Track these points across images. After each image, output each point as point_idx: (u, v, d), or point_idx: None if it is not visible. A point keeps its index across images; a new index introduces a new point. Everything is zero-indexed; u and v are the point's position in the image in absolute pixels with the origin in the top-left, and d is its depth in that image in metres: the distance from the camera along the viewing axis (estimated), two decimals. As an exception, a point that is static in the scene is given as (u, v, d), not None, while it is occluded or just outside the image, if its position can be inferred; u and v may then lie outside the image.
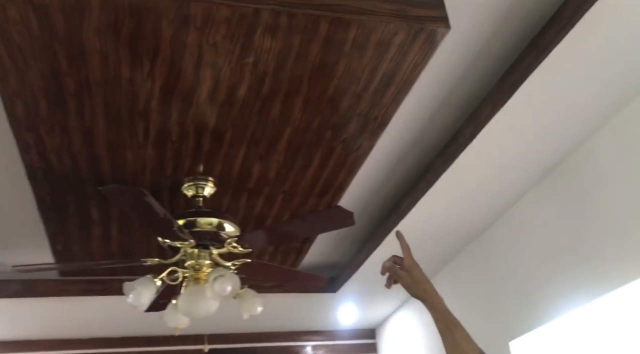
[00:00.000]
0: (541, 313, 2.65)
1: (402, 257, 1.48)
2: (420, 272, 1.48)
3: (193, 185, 2.43)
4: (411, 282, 1.46)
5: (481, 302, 3.20)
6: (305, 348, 4.62)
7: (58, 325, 3.85)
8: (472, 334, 3.35)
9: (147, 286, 2.15)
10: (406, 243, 1.52)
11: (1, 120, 2.01)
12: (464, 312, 3.41)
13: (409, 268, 1.46)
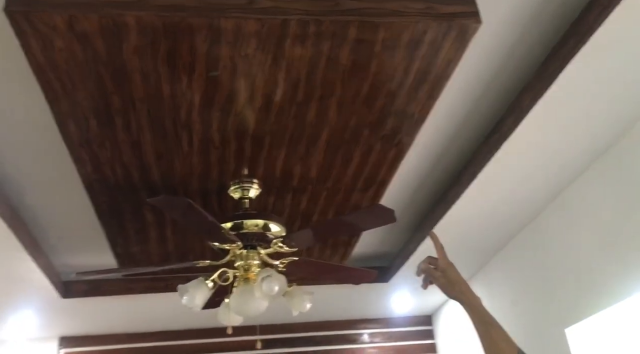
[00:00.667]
0: (598, 299, 2.59)
1: (436, 257, 1.48)
2: (455, 272, 1.48)
3: (239, 188, 2.51)
4: (446, 282, 1.47)
5: (536, 289, 3.16)
6: (362, 336, 4.68)
7: (124, 321, 4.08)
8: (528, 322, 3.37)
9: (200, 288, 2.26)
10: (440, 243, 1.52)
11: (57, 137, 2.14)
12: (518, 299, 3.42)
13: (443, 269, 1.46)
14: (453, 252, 3.65)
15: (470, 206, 2.90)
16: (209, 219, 2.03)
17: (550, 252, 3.02)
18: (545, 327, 3.02)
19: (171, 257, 3.18)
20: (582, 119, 2.23)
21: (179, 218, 2.17)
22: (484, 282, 3.83)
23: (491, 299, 3.72)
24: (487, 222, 3.12)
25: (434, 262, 1.49)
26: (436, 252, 1.50)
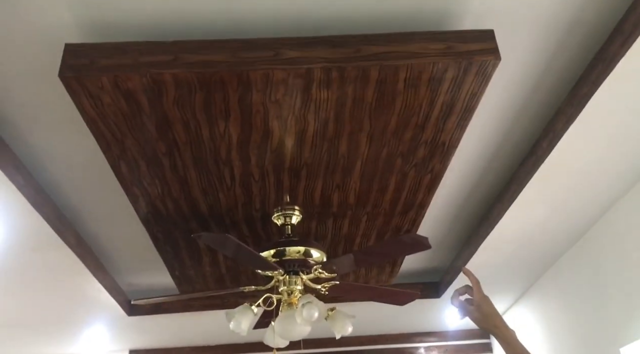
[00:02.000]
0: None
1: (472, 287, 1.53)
2: (490, 306, 1.52)
3: (281, 215, 2.63)
4: (480, 317, 1.51)
5: (588, 307, 3.09)
6: (419, 350, 4.70)
7: (186, 335, 4.32)
8: (581, 341, 3.33)
9: (245, 314, 2.39)
10: (475, 278, 1.56)
11: (113, 178, 2.34)
12: (570, 317, 3.36)
13: (478, 303, 1.51)
14: (502, 268, 3.66)
15: (514, 224, 2.91)
16: (249, 250, 2.16)
17: (601, 269, 2.96)
18: (600, 346, 2.96)
19: (225, 279, 3.35)
20: (621, 137, 2.20)
21: (221, 250, 2.31)
22: (539, 297, 3.77)
23: (546, 317, 3.66)
24: (533, 240, 3.10)
25: (470, 292, 1.53)
26: (472, 287, 1.54)
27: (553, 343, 3.57)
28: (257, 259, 2.28)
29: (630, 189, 2.65)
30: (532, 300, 3.87)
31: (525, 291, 3.96)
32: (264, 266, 2.40)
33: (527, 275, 3.62)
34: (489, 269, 3.46)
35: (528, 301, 3.94)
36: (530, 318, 3.91)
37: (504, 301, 4.13)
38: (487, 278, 3.62)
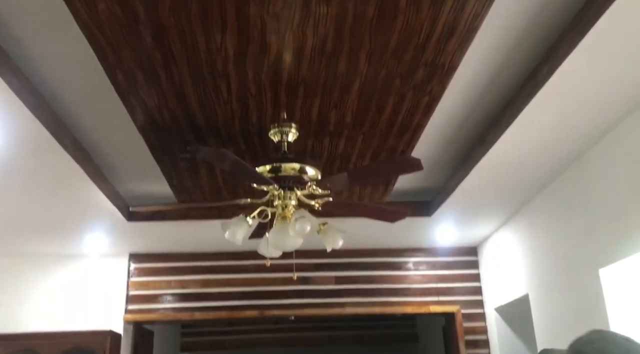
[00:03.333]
0: (634, 242, 2.61)
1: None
2: None
3: (278, 131, 2.65)
4: None
5: (574, 230, 3.19)
6: (407, 264, 4.88)
7: (184, 242, 4.47)
8: (564, 261, 3.49)
9: (241, 225, 2.48)
10: None
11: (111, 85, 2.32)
12: (554, 240, 3.46)
13: None
14: (494, 190, 3.72)
15: (509, 148, 2.92)
16: (245, 165, 2.20)
17: (590, 195, 3.02)
18: (580, 267, 3.08)
19: (222, 191, 3.42)
20: (625, 64, 2.17)
21: (217, 165, 2.35)
22: (525, 221, 3.87)
23: (531, 239, 3.78)
24: (527, 163, 3.13)
25: None
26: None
27: (535, 265, 3.71)
28: (253, 174, 2.33)
29: (623, 119, 2.64)
30: (519, 223, 3.98)
31: (513, 215, 4.05)
32: (260, 181, 2.45)
33: (517, 198, 3.69)
34: (480, 191, 3.53)
35: (515, 224, 4.05)
36: (515, 241, 4.04)
37: (493, 223, 4.25)
38: (478, 200, 3.73)
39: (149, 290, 4.62)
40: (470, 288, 4.80)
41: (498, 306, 4.39)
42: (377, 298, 4.75)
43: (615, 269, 2.79)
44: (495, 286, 4.46)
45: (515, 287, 4.04)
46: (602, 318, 2.83)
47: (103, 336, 4.10)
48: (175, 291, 4.63)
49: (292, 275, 2.73)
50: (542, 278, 3.61)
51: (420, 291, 4.79)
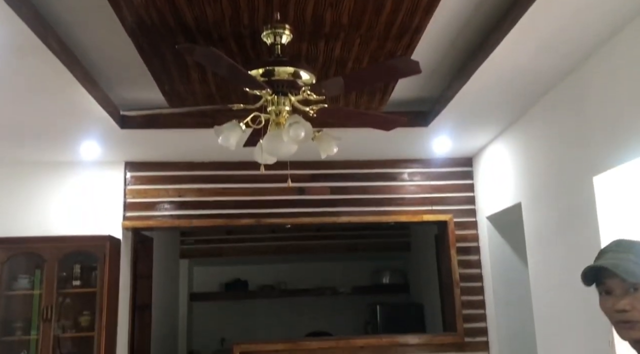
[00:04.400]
0: (628, 149, 2.61)
1: None
2: None
3: (271, 33, 2.53)
4: None
5: (569, 138, 3.17)
6: (402, 175, 4.91)
7: (180, 151, 4.45)
8: (559, 169, 3.54)
9: (233, 130, 2.44)
10: None
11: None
12: (549, 150, 3.46)
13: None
14: (492, 99, 3.66)
15: (509, 54, 2.83)
16: (236, 66, 2.12)
17: (588, 103, 2.97)
18: (575, 175, 3.09)
19: (215, 97, 3.35)
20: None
21: (207, 65, 2.27)
22: (522, 131, 3.84)
23: (527, 148, 3.77)
24: (527, 70, 3.04)
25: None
26: None
27: (529, 174, 3.73)
28: (245, 77, 2.25)
29: (626, 25, 2.53)
30: (516, 133, 3.95)
31: (510, 125, 4.02)
32: (252, 85, 2.38)
33: (514, 107, 3.64)
34: (478, 100, 3.47)
35: (511, 134, 4.03)
36: (510, 151, 4.03)
37: (489, 133, 4.22)
38: (476, 109, 3.68)
39: (146, 198, 4.66)
40: (464, 197, 4.86)
41: (490, 215, 4.47)
42: (371, 207, 4.82)
43: (609, 177, 2.80)
44: (489, 196, 4.51)
45: (508, 196, 4.08)
46: (593, 225, 2.87)
47: (102, 240, 4.19)
48: (173, 199, 4.68)
49: (287, 183, 2.71)
50: (535, 186, 3.64)
51: (414, 201, 4.85)
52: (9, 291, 4.12)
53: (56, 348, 4.09)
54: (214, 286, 7.74)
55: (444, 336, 4.67)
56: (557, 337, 3.37)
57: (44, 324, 3.97)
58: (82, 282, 4.21)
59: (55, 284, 4.06)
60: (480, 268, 4.70)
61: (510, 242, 4.49)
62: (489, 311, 4.56)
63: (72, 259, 4.20)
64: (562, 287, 3.28)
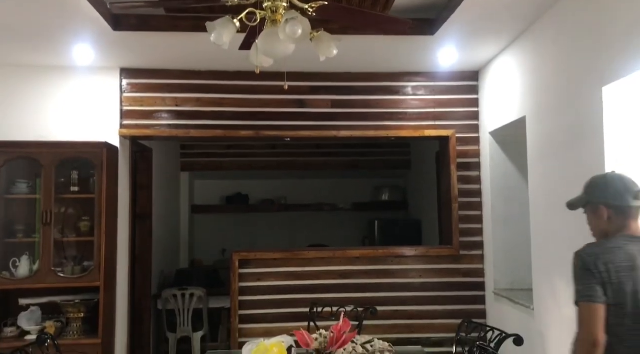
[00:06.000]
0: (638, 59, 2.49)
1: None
2: None
3: None
4: None
5: (580, 47, 3.04)
6: (406, 88, 4.78)
7: (177, 58, 4.31)
8: (568, 80, 3.42)
9: (227, 26, 2.31)
10: None
11: None
12: (560, 59, 3.32)
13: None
14: (503, 6, 3.47)
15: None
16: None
17: (600, 11, 2.81)
18: (584, 85, 2.98)
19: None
20: None
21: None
22: (530, 42, 3.68)
23: (535, 60, 3.62)
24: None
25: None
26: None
27: (536, 86, 3.60)
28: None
29: None
30: (524, 45, 3.79)
31: (519, 36, 3.84)
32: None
33: (525, 13, 3.45)
34: (488, 5, 3.28)
35: (519, 46, 3.87)
36: (517, 63, 3.88)
37: (497, 44, 4.05)
38: (484, 15, 3.49)
39: (143, 106, 4.58)
40: (468, 113, 4.76)
41: (493, 130, 4.39)
42: (372, 122, 4.74)
43: (619, 86, 2.70)
44: (493, 110, 4.41)
45: (513, 110, 3.98)
46: (598, 140, 2.80)
47: (99, 147, 4.14)
48: (170, 109, 4.60)
49: (284, 86, 2.60)
50: (541, 99, 3.53)
51: (416, 116, 4.76)
52: (8, 195, 4.14)
53: (59, 251, 4.17)
54: (215, 200, 7.82)
55: (439, 248, 4.74)
56: (552, 255, 3.39)
57: (44, 228, 4.02)
58: (81, 188, 4.21)
59: (54, 190, 4.06)
60: (479, 184, 4.69)
61: (512, 158, 4.44)
62: (486, 226, 4.60)
63: (69, 165, 4.18)
64: (561, 204, 3.25)
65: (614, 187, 2.07)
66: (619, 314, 1.91)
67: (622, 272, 1.92)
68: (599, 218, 2.10)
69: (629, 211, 2.03)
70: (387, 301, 4.54)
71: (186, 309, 5.45)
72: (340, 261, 4.63)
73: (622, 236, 2.01)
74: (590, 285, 1.92)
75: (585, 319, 1.92)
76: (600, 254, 1.96)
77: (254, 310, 4.56)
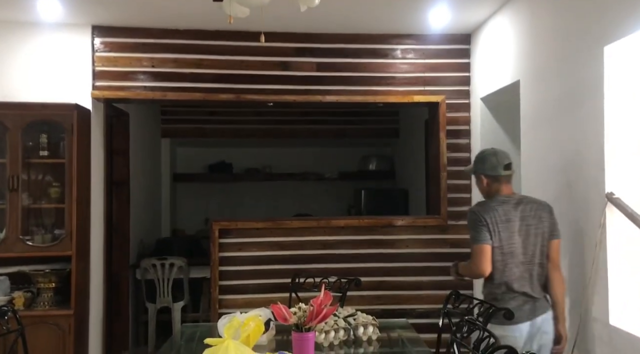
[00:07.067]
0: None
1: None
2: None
3: None
4: None
5: (580, 3, 2.84)
6: (394, 51, 4.57)
7: (154, 14, 4.05)
8: (567, 40, 3.16)
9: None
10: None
11: None
12: (559, 18, 3.11)
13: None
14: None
15: None
16: None
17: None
18: (584, 45, 2.79)
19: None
20: None
21: None
22: (526, 1, 3.47)
23: (531, 20, 3.42)
24: None
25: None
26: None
27: (532, 48, 3.41)
28: None
29: None
30: (517, 4, 3.60)
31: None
32: None
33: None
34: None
35: (515, 5, 3.66)
36: (512, 25, 3.68)
37: (490, 5, 3.84)
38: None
39: (117, 67, 4.32)
40: (458, 78, 4.57)
41: (485, 96, 4.21)
42: (360, 86, 4.53)
43: (622, 45, 2.51)
44: (485, 75, 4.22)
45: (506, 74, 3.79)
46: (598, 102, 2.63)
47: (69, 109, 3.90)
48: (146, 70, 4.35)
49: (260, 39, 2.38)
50: (537, 62, 3.34)
51: (405, 81, 4.56)
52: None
53: (28, 218, 3.96)
54: (198, 168, 7.62)
55: (427, 218, 4.60)
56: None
57: (11, 195, 3.80)
58: (51, 153, 3.98)
59: (21, 154, 3.83)
60: (469, 152, 4.53)
61: (503, 125, 4.27)
62: (475, 196, 4.45)
63: (37, 128, 3.94)
64: (555, 172, 3.11)
65: (489, 162, 2.78)
66: (498, 253, 2.65)
67: (501, 223, 2.65)
68: (482, 184, 2.83)
69: (501, 178, 2.75)
70: (372, 271, 4.41)
71: (166, 279, 5.30)
72: (324, 230, 4.48)
73: (499, 197, 2.73)
74: (481, 231, 2.64)
75: (477, 255, 2.66)
76: (486, 210, 2.68)
77: (234, 281, 4.42)
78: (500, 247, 2.63)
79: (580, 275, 2.77)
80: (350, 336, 2.68)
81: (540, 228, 2.66)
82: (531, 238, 2.65)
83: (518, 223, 2.65)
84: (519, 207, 2.68)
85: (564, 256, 2.89)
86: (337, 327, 2.63)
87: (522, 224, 2.65)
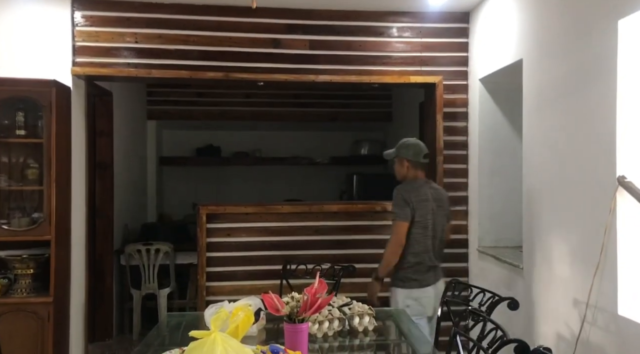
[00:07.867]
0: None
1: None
2: None
3: None
4: None
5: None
6: (390, 29, 4.38)
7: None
8: (577, 16, 2.92)
9: None
10: None
11: None
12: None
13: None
14: None
15: None
16: None
17: None
18: (595, 20, 2.62)
19: None
20: None
21: None
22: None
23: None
24: None
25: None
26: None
27: (536, 25, 3.24)
28: None
29: None
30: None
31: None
32: None
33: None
34: None
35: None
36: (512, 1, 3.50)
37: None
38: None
39: (99, 42, 4.09)
40: (457, 58, 4.40)
41: (484, 76, 4.04)
42: (354, 66, 4.35)
43: (636, 18, 2.35)
44: (485, 55, 4.05)
45: (507, 53, 3.62)
46: (611, 81, 2.46)
47: (47, 85, 3.67)
48: (130, 46, 4.12)
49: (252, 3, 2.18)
50: (543, 39, 3.17)
51: (401, 60, 4.38)
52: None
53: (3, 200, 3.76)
54: (185, 151, 7.40)
55: (422, 204, 4.44)
56: (546, 212, 3.10)
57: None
58: (28, 132, 3.76)
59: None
60: (466, 136, 4.37)
61: (503, 107, 4.11)
62: (472, 181, 4.31)
63: (13, 105, 3.71)
64: (561, 157, 2.95)
65: (413, 149, 3.35)
66: (417, 227, 3.19)
67: (421, 202, 3.21)
68: (402, 167, 3.38)
69: (419, 165, 3.35)
70: (365, 258, 4.25)
71: (151, 265, 5.12)
72: (316, 216, 4.32)
73: (418, 180, 3.31)
74: (404, 209, 3.17)
75: (398, 230, 3.17)
76: (410, 190, 3.23)
77: (222, 267, 4.25)
78: (420, 222, 3.20)
79: (587, 263, 2.63)
80: (345, 326, 2.53)
81: (442, 209, 3.33)
82: (438, 217, 3.28)
83: (432, 203, 3.26)
84: (430, 190, 3.31)
85: (570, 243, 2.75)
86: (332, 317, 2.48)
87: (434, 204, 3.27)
